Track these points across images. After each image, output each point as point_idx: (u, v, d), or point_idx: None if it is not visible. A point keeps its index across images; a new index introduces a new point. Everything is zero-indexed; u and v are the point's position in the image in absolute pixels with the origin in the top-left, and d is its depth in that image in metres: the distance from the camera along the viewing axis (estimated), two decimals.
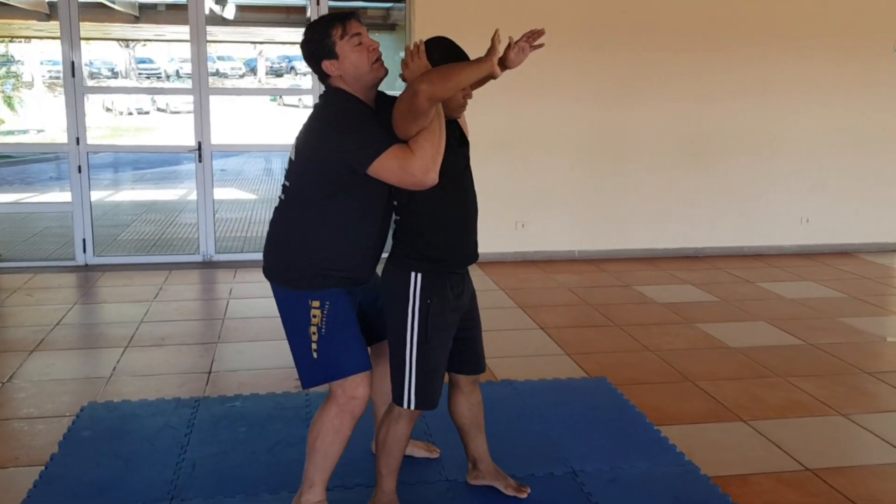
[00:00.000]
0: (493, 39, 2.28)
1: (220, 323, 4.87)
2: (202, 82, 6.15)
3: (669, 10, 6.38)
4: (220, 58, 28.11)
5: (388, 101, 2.48)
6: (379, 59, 2.44)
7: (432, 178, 2.28)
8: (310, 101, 7.55)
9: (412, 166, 2.25)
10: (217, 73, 25.05)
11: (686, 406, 3.66)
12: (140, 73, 30.77)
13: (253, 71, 34.41)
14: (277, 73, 37.13)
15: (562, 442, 3.24)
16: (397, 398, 2.56)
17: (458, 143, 2.52)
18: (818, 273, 6.28)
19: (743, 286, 5.85)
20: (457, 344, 2.63)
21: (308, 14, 6.74)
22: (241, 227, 8.34)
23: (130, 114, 23.56)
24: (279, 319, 2.55)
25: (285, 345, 2.55)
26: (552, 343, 4.51)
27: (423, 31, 6.05)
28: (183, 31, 6.29)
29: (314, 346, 2.46)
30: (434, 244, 2.49)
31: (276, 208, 2.58)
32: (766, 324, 4.94)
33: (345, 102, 2.42)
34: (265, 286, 2.59)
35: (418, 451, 3.10)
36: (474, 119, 3.06)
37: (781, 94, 6.66)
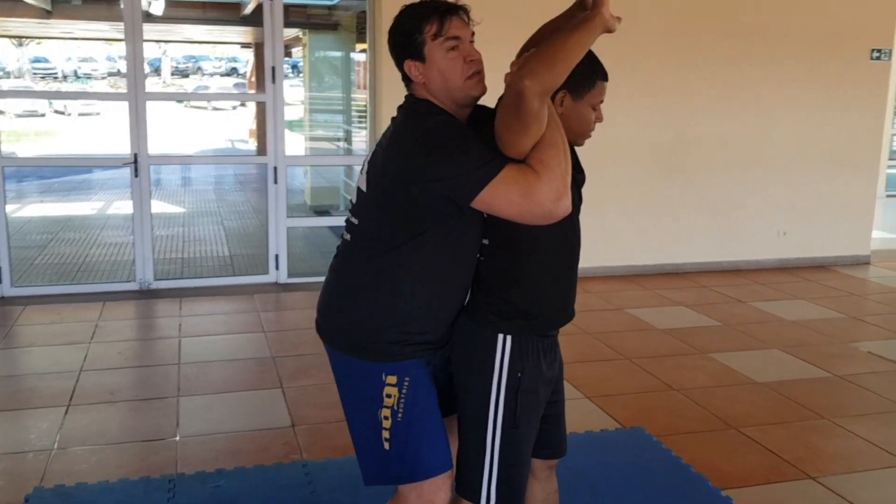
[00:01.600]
0: None
1: (176, 370, 4.16)
2: (138, 86, 5.38)
3: (645, 20, 6.00)
4: (121, 57, 26.70)
5: (487, 116, 1.92)
6: (478, 74, 1.88)
7: (566, 206, 1.74)
8: (252, 104, 6.86)
9: (539, 193, 1.70)
10: (119, 73, 23.69)
11: (743, 462, 3.23)
12: (35, 74, 28.81)
13: (157, 71, 32.82)
14: (183, 74, 35.62)
15: None
16: (472, 493, 1.99)
17: (576, 170, 1.94)
18: (804, 290, 6.03)
19: (737, 307, 5.52)
20: (544, 422, 2.08)
21: (246, 10, 6.08)
22: (179, 247, 7.52)
23: (20, 116, 21.87)
24: (246, 362, 1.91)
25: (261, 396, 1.93)
26: (567, 384, 4.02)
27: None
28: (99, 27, 5.50)
29: (385, 433, 1.92)
30: (533, 297, 1.95)
31: (340, 252, 2.02)
32: (781, 352, 4.59)
33: (437, 116, 1.86)
34: (219, 319, 2.02)
35: None
36: None
37: (758, 106, 6.40)
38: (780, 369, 4.31)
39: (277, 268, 5.86)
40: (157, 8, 7.44)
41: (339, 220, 7.73)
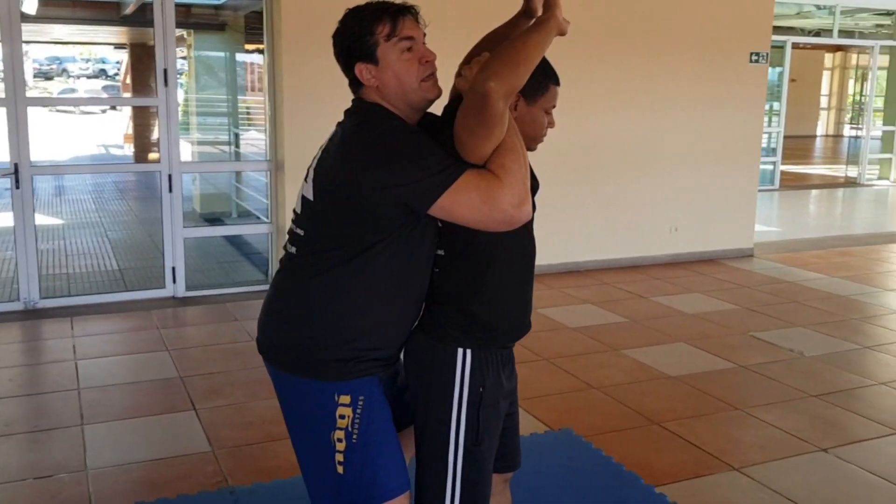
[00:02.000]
0: None
1: (76, 395, 3.87)
2: (17, 90, 4.98)
3: None
4: None
5: (437, 124, 1.87)
6: (433, 76, 1.82)
7: (527, 211, 1.70)
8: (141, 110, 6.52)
9: (501, 198, 1.65)
10: None
11: (670, 457, 3.31)
12: None
13: None
14: (47, 76, 33.49)
15: None
16: None
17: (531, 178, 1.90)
18: (698, 283, 6.28)
19: (640, 302, 5.68)
20: (501, 435, 2.03)
21: (127, 10, 5.76)
22: (63, 262, 7.03)
23: None
24: (152, 384, 1.81)
25: (173, 420, 1.82)
26: None
27: (291, 31, 5.31)
28: None
29: (339, 457, 1.81)
30: (493, 308, 1.89)
31: (284, 266, 1.91)
32: (687, 345, 4.75)
33: (389, 121, 1.79)
34: (116, 338, 1.93)
35: None
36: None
37: (650, 107, 6.61)
38: (689, 362, 4.46)
39: (174, 281, 5.58)
40: (31, 6, 6.93)
41: (240, 229, 7.37)
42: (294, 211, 1.92)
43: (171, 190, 5.46)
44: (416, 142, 1.73)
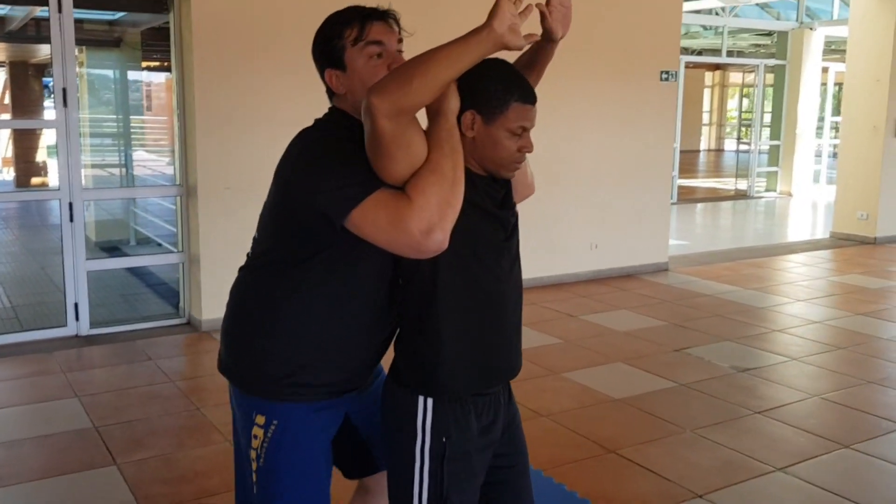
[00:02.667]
0: None
1: None
2: None
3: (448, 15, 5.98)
4: None
5: None
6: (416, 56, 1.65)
7: (438, 240, 1.55)
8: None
9: (407, 221, 1.53)
10: None
11: (634, 488, 3.21)
12: None
13: None
14: None
15: None
16: None
17: (497, 206, 1.76)
18: (622, 299, 6.30)
19: (571, 322, 5.64)
20: (491, 491, 1.85)
21: (12, 26, 5.32)
22: None
23: None
24: (64, 437, 1.92)
25: (93, 478, 1.97)
26: None
27: (203, 48, 4.99)
28: None
29: (253, 476, 1.80)
30: (445, 355, 1.70)
31: (240, 269, 1.88)
32: (624, 364, 4.72)
33: (331, 128, 1.74)
34: (15, 386, 2.35)
35: None
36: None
37: (566, 124, 6.60)
38: (630, 383, 4.41)
39: (77, 318, 5.12)
40: None
41: (150, 260, 6.87)
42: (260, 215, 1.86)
43: (72, 219, 5.02)
44: (343, 151, 1.63)
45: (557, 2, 1.77)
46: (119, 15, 7.18)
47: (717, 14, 12.98)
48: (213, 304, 5.25)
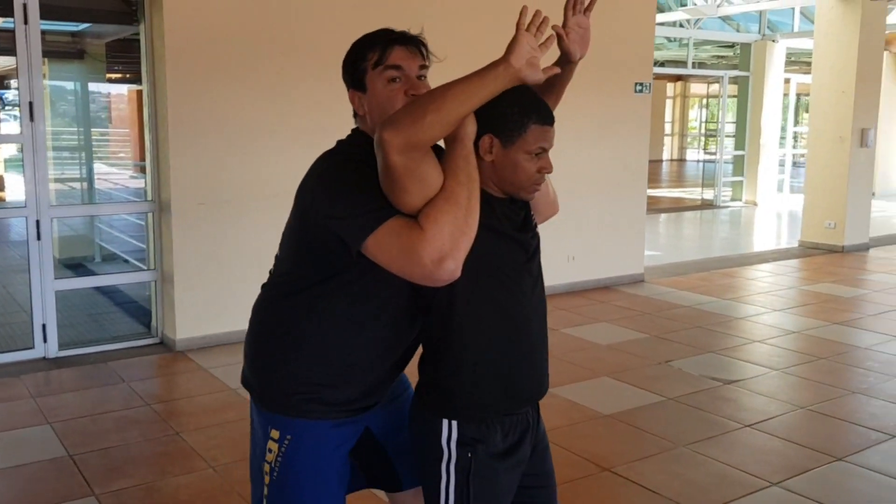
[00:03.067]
0: (517, 25, 1.58)
1: None
2: None
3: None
4: None
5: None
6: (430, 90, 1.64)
7: (449, 269, 1.53)
8: None
9: (419, 250, 1.52)
10: None
11: None
12: None
13: None
14: None
15: None
16: None
17: (516, 229, 1.74)
18: (602, 312, 6.28)
19: (553, 335, 5.45)
20: None
21: None
22: None
23: None
24: (38, 467, 2.40)
25: None
26: None
27: (176, 59, 4.86)
28: None
29: (265, 489, 1.81)
30: (468, 375, 1.70)
31: (262, 288, 1.88)
32: (610, 379, 4.68)
33: (349, 150, 1.75)
34: None
35: None
36: None
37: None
38: (618, 398, 4.37)
39: (45, 340, 4.93)
40: None
41: (122, 278, 6.68)
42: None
43: (39, 237, 4.84)
44: (360, 176, 1.62)
45: (574, 23, 1.79)
46: (83, 27, 6.99)
47: (682, 26, 13.13)
48: (187, 322, 5.10)
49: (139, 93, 12.28)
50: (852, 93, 8.93)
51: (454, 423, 1.70)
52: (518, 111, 1.64)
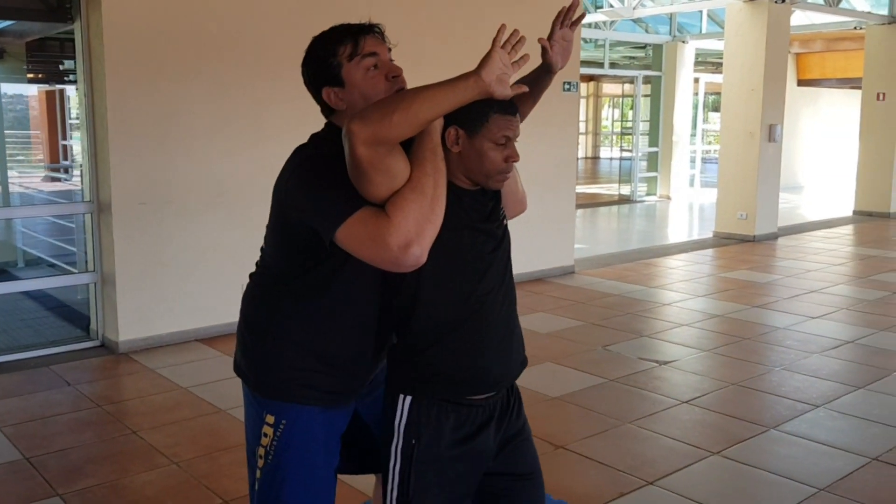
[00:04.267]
0: (493, 42, 1.67)
1: None
2: None
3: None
4: None
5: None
6: (402, 90, 1.76)
7: (415, 255, 1.63)
8: None
9: (386, 237, 1.62)
10: None
11: (589, 480, 3.35)
12: None
13: None
14: None
15: None
16: None
17: (482, 219, 1.82)
18: (538, 303, 6.50)
19: None
20: (492, 502, 1.90)
21: None
22: None
23: None
24: None
25: None
26: None
27: (115, 59, 4.81)
28: None
29: (258, 472, 1.89)
30: (426, 357, 1.77)
31: (249, 278, 1.96)
32: (554, 364, 4.88)
33: (322, 145, 1.80)
34: None
35: None
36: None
37: None
38: (564, 381, 4.57)
39: None
40: None
41: (61, 280, 6.49)
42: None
43: None
44: (332, 171, 1.70)
45: (560, 36, 1.90)
46: (2, 25, 6.77)
47: (598, 28, 13.56)
48: (131, 324, 5.04)
49: (50, 94, 11.88)
50: (761, 90, 9.46)
51: (407, 401, 1.77)
52: (480, 102, 1.70)
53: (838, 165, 17.20)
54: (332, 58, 1.78)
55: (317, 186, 1.70)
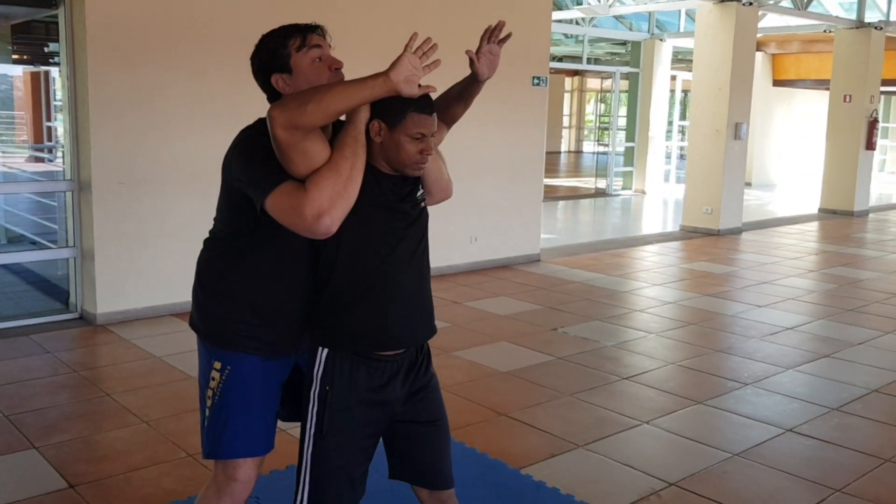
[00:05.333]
0: (406, 46, 1.93)
1: None
2: None
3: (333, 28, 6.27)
4: None
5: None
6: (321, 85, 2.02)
7: (326, 224, 1.89)
8: None
9: (302, 207, 1.88)
10: None
11: (525, 443, 3.66)
12: None
13: None
14: None
15: None
16: (294, 498, 2.11)
17: (398, 200, 2.08)
18: (501, 288, 6.80)
19: (456, 308, 6.06)
20: (399, 444, 2.19)
21: None
22: None
23: None
24: None
25: (14, 461, 2.82)
26: None
27: (97, 43, 5.05)
28: None
29: (207, 411, 2.17)
30: (341, 316, 2.05)
31: (204, 240, 2.24)
32: (508, 343, 5.18)
33: (262, 126, 2.02)
34: None
35: None
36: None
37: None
38: (514, 358, 4.87)
39: None
40: None
41: (43, 254, 6.72)
42: None
43: None
44: (265, 149, 1.95)
45: (487, 50, 2.17)
46: None
47: (577, 24, 13.84)
48: (108, 297, 5.31)
49: (35, 75, 12.02)
50: (727, 90, 9.78)
51: (323, 356, 2.04)
52: (400, 101, 1.96)
53: (811, 164, 17.60)
54: (281, 49, 2.04)
55: (252, 161, 1.97)
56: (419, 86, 1.97)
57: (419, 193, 2.15)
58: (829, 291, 7.05)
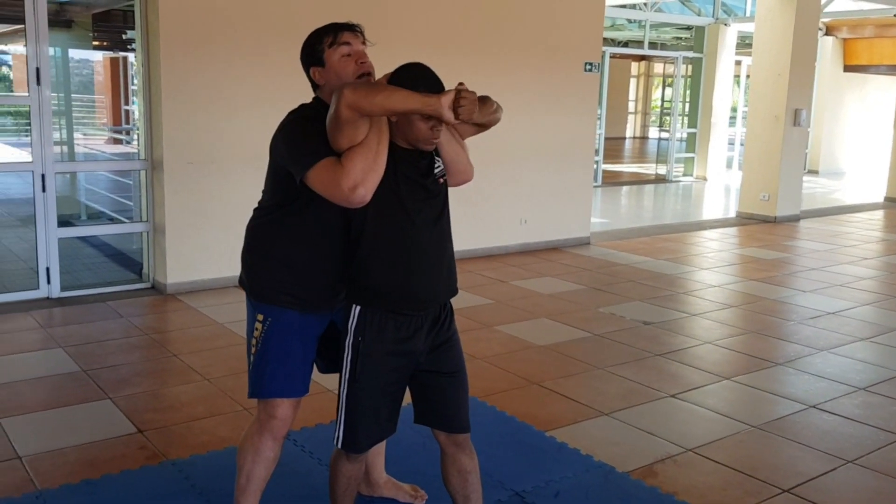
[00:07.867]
0: (457, 87, 2.20)
1: None
2: None
3: (391, 17, 6.55)
4: None
5: None
6: (367, 75, 2.34)
7: (361, 194, 2.16)
8: None
9: (340, 180, 2.15)
10: None
11: (552, 409, 3.89)
12: None
13: None
14: None
15: (484, 467, 3.23)
16: (333, 433, 2.45)
17: (420, 174, 2.34)
18: (548, 268, 7.01)
19: (501, 286, 6.31)
20: (422, 391, 2.47)
21: None
22: None
23: None
24: (57, 378, 3.27)
25: (92, 409, 3.10)
26: None
27: (169, 32, 5.45)
28: None
29: (251, 358, 2.48)
30: (370, 277, 2.33)
31: (254, 209, 2.52)
32: (548, 320, 5.41)
33: (305, 110, 2.37)
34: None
35: (402, 494, 2.93)
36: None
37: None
38: (552, 334, 5.10)
39: (49, 282, 5.54)
40: None
41: (119, 228, 7.24)
42: None
43: (44, 189, 5.44)
44: (305, 128, 2.26)
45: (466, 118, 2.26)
46: None
47: (640, 9, 13.82)
48: (177, 269, 5.74)
49: (114, 61, 12.66)
50: (787, 75, 9.71)
51: (356, 311, 2.34)
52: (411, 84, 2.22)
53: (882, 153, 17.14)
54: (317, 45, 2.35)
55: (294, 139, 2.26)
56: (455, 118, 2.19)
57: (438, 169, 2.41)
58: (879, 279, 7.04)
